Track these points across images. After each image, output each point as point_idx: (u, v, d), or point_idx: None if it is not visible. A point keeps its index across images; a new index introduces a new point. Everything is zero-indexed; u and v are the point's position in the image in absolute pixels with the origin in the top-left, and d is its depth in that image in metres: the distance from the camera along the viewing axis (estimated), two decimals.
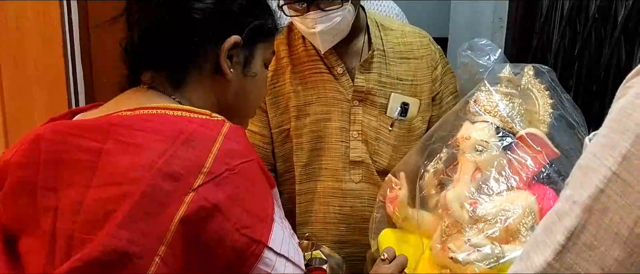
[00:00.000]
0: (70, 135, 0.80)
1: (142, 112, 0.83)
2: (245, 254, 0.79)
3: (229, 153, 0.80)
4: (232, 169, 0.78)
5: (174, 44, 0.88)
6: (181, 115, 0.83)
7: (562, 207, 0.59)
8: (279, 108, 1.42)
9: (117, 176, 0.76)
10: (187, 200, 0.75)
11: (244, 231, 0.78)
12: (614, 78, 1.72)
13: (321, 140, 1.41)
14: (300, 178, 1.43)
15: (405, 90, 1.41)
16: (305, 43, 1.40)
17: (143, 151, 0.77)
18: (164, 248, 0.74)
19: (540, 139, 1.15)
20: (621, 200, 0.53)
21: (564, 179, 1.13)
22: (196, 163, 0.77)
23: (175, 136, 0.79)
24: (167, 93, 0.89)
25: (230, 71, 0.91)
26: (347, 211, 1.42)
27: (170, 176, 0.75)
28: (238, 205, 0.78)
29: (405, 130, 1.42)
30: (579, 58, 1.88)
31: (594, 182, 0.55)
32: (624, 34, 1.68)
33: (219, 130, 0.81)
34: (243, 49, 0.92)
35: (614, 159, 0.54)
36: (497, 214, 1.10)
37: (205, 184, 0.76)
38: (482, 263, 1.04)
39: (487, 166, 1.14)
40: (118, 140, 0.78)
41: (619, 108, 0.57)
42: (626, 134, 0.54)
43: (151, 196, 0.75)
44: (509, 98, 1.18)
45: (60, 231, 0.78)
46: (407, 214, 1.25)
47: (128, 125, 0.80)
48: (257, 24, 0.93)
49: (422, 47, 1.44)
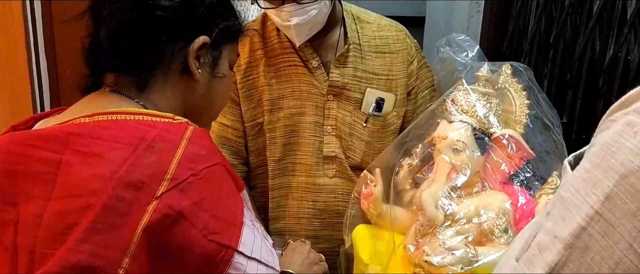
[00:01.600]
0: (27, 146, 0.78)
1: (100, 118, 0.81)
2: (215, 260, 0.78)
3: (193, 157, 0.78)
4: (196, 174, 0.77)
5: (142, 44, 0.86)
6: (142, 119, 0.81)
7: (543, 240, 0.58)
8: (252, 102, 1.39)
9: (77, 188, 0.75)
10: (150, 209, 0.73)
11: (212, 237, 0.78)
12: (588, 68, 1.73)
13: (295, 135, 1.39)
14: (273, 172, 1.41)
15: (380, 85, 1.39)
16: (280, 35, 1.36)
17: (103, 161, 0.75)
18: (128, 260, 0.73)
19: (516, 140, 1.14)
20: (603, 240, 0.52)
21: (539, 180, 1.15)
22: (159, 170, 0.75)
23: (136, 143, 0.77)
24: (131, 96, 0.87)
25: (198, 72, 0.89)
26: (320, 206, 1.41)
27: (132, 185, 0.74)
28: (204, 210, 0.77)
29: (380, 126, 1.41)
30: (554, 45, 1.88)
31: (576, 219, 0.54)
32: (598, 24, 1.68)
33: (182, 134, 0.80)
34: (211, 50, 0.91)
35: (596, 197, 0.54)
36: (471, 215, 1.11)
37: (169, 191, 0.75)
38: (456, 266, 1.04)
39: (463, 167, 1.13)
40: (77, 151, 0.77)
41: (603, 144, 0.56)
42: (609, 173, 0.53)
43: (113, 208, 0.73)
44: (487, 99, 1.17)
45: (22, 246, 0.76)
46: (382, 210, 1.25)
47: (86, 134, 0.78)
48: (225, 25, 0.92)
49: (397, 41, 1.42)
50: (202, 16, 0.89)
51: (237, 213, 0.82)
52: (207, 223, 0.77)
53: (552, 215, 0.58)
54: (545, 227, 0.58)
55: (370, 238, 1.26)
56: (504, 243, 1.07)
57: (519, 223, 1.10)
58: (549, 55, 1.91)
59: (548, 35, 1.90)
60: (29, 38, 1.55)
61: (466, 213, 1.11)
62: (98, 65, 0.89)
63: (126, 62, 0.87)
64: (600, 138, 0.57)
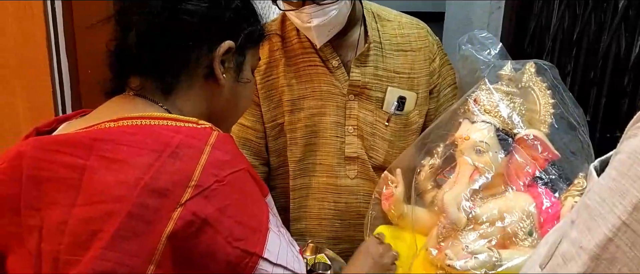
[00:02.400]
0: (51, 151, 0.78)
1: (125, 123, 0.80)
2: (239, 267, 0.78)
3: (217, 164, 0.77)
4: (221, 181, 0.76)
5: (169, 49, 0.85)
6: (167, 124, 0.81)
7: (568, 250, 0.57)
8: (272, 102, 1.38)
9: (102, 195, 0.74)
10: (175, 216, 0.73)
11: (237, 243, 0.77)
12: (613, 66, 1.70)
13: (316, 135, 1.38)
14: (294, 173, 1.40)
15: (402, 84, 1.37)
16: (299, 35, 1.35)
17: (128, 168, 0.75)
18: (153, 267, 0.73)
19: (541, 140, 1.12)
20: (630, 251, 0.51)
21: (564, 181, 1.13)
22: (183, 177, 0.75)
23: (161, 149, 0.76)
24: (156, 101, 0.87)
25: (223, 77, 0.89)
26: (342, 207, 1.40)
27: (156, 192, 0.73)
28: (229, 216, 0.76)
29: (402, 125, 1.39)
30: (578, 43, 1.85)
31: (602, 230, 0.53)
32: (624, 22, 1.65)
33: (206, 139, 0.79)
34: (236, 55, 0.91)
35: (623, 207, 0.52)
36: (495, 218, 1.09)
37: (194, 198, 0.74)
38: (479, 271, 1.03)
39: (486, 169, 1.12)
40: (102, 156, 0.76)
41: (630, 152, 0.55)
42: (637, 183, 0.52)
43: (138, 215, 0.73)
44: (510, 98, 1.15)
45: (46, 253, 0.76)
46: (403, 211, 1.24)
47: (111, 140, 0.78)
48: (250, 30, 0.92)
49: (419, 38, 1.40)
50: (228, 20, 0.89)
51: (263, 219, 0.82)
52: (232, 229, 0.77)
53: (577, 225, 0.57)
54: (570, 237, 0.57)
55: (391, 239, 1.25)
56: (528, 246, 1.06)
57: (544, 226, 1.08)
58: (572, 53, 1.88)
59: (571, 33, 1.88)
60: (50, 38, 1.56)
61: (489, 216, 1.09)
62: (123, 68, 0.89)
63: (153, 66, 0.87)
64: (627, 146, 0.56)
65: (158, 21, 0.84)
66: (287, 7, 1.23)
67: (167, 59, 0.86)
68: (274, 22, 1.40)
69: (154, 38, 0.85)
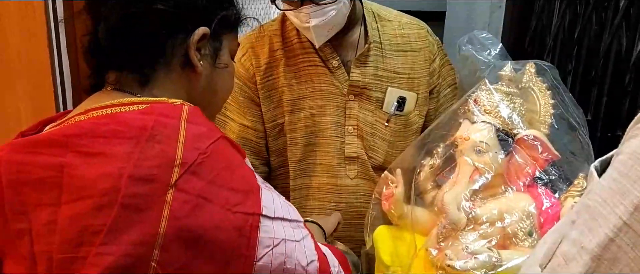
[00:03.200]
0: (27, 153, 0.77)
1: (94, 113, 0.79)
2: (245, 229, 0.78)
3: (196, 137, 0.78)
4: (204, 152, 0.77)
5: (143, 40, 0.84)
6: (137, 108, 0.80)
7: (569, 250, 0.57)
8: (272, 102, 1.38)
9: (87, 190, 0.73)
10: (169, 199, 0.73)
11: (236, 208, 0.78)
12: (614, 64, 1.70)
13: (316, 135, 1.38)
14: (294, 173, 1.40)
15: (402, 84, 1.37)
16: (299, 35, 1.35)
17: (108, 159, 0.74)
18: (157, 252, 0.73)
19: (541, 141, 1.12)
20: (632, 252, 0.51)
21: (564, 182, 1.13)
22: (167, 158, 0.74)
23: (137, 135, 0.75)
24: (133, 93, 0.85)
25: (200, 64, 0.88)
26: (342, 207, 1.40)
27: (143, 179, 0.73)
28: (221, 186, 0.77)
29: (402, 125, 1.39)
30: (579, 42, 1.85)
31: (603, 230, 0.53)
32: (625, 21, 1.64)
33: (179, 115, 0.79)
34: (211, 41, 0.90)
35: (625, 208, 0.52)
36: (495, 218, 1.09)
37: (182, 176, 0.74)
38: (479, 271, 1.03)
39: (486, 169, 1.12)
40: (78, 152, 0.75)
41: (631, 152, 0.55)
42: (638, 183, 0.52)
43: (130, 206, 0.72)
44: (510, 99, 1.15)
45: (39, 254, 0.75)
46: (403, 211, 1.23)
47: (84, 133, 0.77)
48: (224, 14, 0.90)
49: (419, 39, 1.40)
50: (202, 6, 0.87)
51: (251, 179, 0.83)
52: (228, 197, 0.77)
53: (578, 225, 0.57)
54: (571, 237, 0.57)
55: (391, 239, 1.25)
56: (528, 247, 1.06)
57: (544, 226, 1.08)
58: (573, 52, 1.87)
59: (572, 32, 1.87)
60: (51, 37, 1.56)
61: (489, 216, 1.09)
62: (99, 64, 0.88)
63: (127, 59, 0.85)
64: (628, 146, 0.56)
65: (129, 11, 0.82)
66: (286, 7, 1.23)
67: (141, 51, 0.85)
68: (274, 22, 1.40)
69: (126, 29, 0.83)
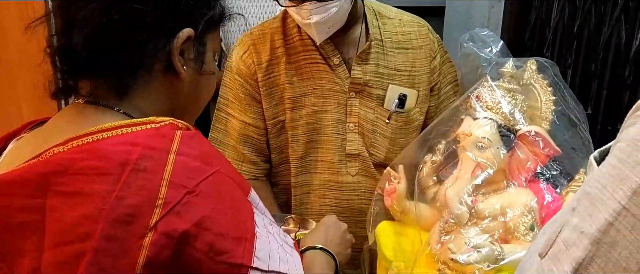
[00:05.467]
0: (4, 196, 0.70)
1: (74, 143, 0.71)
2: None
3: (185, 173, 0.70)
4: (192, 191, 0.69)
5: (122, 45, 0.76)
6: (121, 132, 0.72)
7: (569, 236, 0.58)
8: (273, 99, 1.39)
9: (67, 234, 0.67)
10: (146, 243, 0.66)
11: (220, 258, 0.70)
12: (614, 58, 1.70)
13: (317, 132, 1.38)
14: (296, 170, 1.41)
15: (403, 81, 1.38)
16: (301, 32, 1.35)
17: (87, 199, 0.67)
18: None
19: (543, 137, 1.13)
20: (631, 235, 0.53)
21: (565, 177, 1.13)
22: (148, 196, 0.67)
23: (119, 169, 0.68)
24: (110, 105, 0.78)
25: (184, 69, 0.81)
26: (343, 204, 1.41)
27: (120, 221, 0.66)
28: (207, 230, 0.69)
29: (403, 123, 1.40)
30: (578, 35, 1.85)
31: (603, 215, 0.55)
32: (624, 13, 1.65)
33: (168, 146, 0.71)
34: (196, 44, 0.82)
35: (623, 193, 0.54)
36: (497, 213, 1.10)
37: (164, 218, 0.67)
38: (482, 264, 1.04)
39: (488, 164, 1.12)
40: (58, 192, 0.68)
41: (630, 139, 0.56)
42: (637, 168, 0.53)
43: (105, 251, 0.66)
44: (512, 95, 1.16)
45: None
46: (405, 207, 1.24)
47: (63, 170, 0.69)
48: (210, 14, 0.83)
49: (420, 36, 1.40)
50: (186, 6, 0.79)
51: (247, 224, 0.75)
52: (213, 243, 0.70)
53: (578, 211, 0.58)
54: (572, 223, 0.58)
55: (393, 234, 1.26)
56: (530, 241, 1.07)
57: (545, 221, 1.08)
58: (572, 46, 1.88)
59: (572, 25, 1.88)
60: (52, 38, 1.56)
61: (491, 211, 1.10)
62: (72, 71, 0.79)
63: (104, 66, 0.77)
64: (627, 134, 0.57)
65: (106, 14, 0.74)
66: (288, 3, 1.23)
67: (120, 57, 0.77)
68: (276, 19, 1.41)
69: (103, 36, 0.75)
